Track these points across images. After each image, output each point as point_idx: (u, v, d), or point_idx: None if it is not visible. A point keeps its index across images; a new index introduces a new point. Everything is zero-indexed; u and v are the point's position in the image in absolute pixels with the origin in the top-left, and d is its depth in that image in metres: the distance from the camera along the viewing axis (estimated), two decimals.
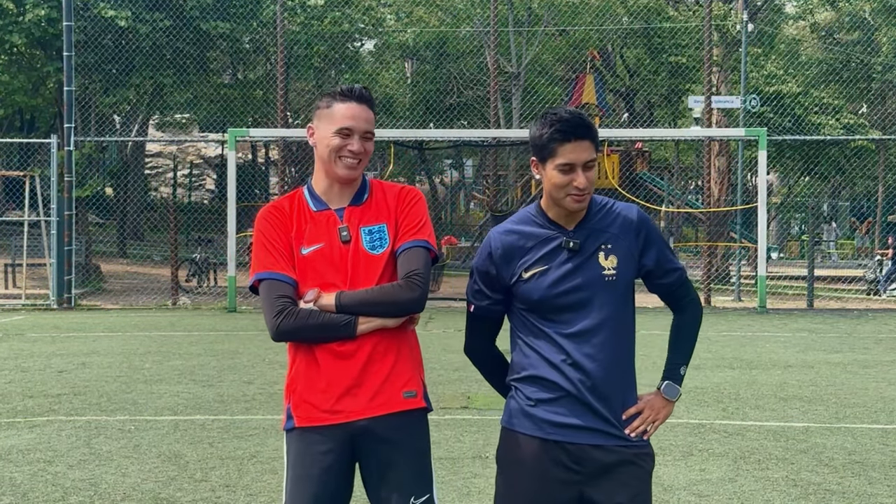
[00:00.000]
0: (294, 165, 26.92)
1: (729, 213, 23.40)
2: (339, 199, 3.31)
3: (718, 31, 24.06)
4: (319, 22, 26.02)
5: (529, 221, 3.17)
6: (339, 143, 3.23)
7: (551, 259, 3.10)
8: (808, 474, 6.51)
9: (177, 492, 6.05)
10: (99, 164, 29.00)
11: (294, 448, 3.25)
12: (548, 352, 3.09)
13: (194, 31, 22.91)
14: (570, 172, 3.02)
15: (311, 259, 3.24)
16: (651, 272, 3.18)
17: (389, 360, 3.25)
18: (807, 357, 12.14)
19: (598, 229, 3.12)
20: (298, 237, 3.26)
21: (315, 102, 3.34)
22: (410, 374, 3.30)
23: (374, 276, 3.24)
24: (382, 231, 3.29)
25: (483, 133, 22.66)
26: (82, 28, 21.59)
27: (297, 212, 3.31)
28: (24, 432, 7.73)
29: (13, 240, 21.58)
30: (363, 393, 3.21)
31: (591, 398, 3.04)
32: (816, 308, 19.16)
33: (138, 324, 15.93)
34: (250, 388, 9.70)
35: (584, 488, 3.06)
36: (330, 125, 3.24)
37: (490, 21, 22.04)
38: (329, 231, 3.26)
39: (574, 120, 3.04)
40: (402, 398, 3.26)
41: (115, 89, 23.53)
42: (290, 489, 3.24)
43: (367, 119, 3.26)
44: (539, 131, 3.06)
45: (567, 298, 3.07)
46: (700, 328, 3.31)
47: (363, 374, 3.21)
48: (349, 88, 3.27)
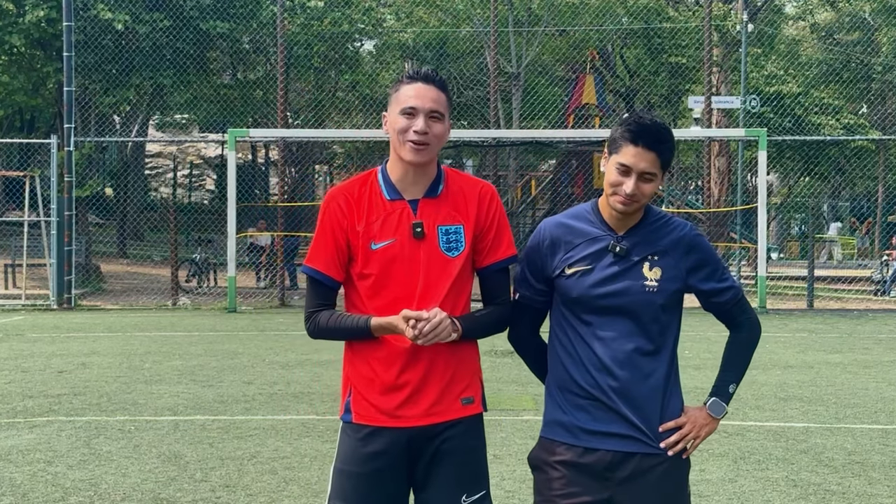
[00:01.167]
0: (294, 166, 26.93)
1: (729, 214, 23.41)
2: (413, 189, 3.16)
3: (718, 32, 24.07)
4: (319, 22, 26.01)
5: (583, 218, 3.17)
6: (405, 124, 3.09)
7: (596, 260, 3.09)
8: (807, 475, 6.51)
9: (177, 492, 6.04)
10: (99, 164, 29.01)
11: (347, 442, 3.19)
12: (581, 353, 3.09)
13: (194, 31, 22.91)
14: (625, 175, 3.02)
15: (381, 254, 3.13)
16: (703, 292, 3.16)
17: (451, 366, 3.19)
18: (807, 357, 12.14)
19: (648, 240, 3.11)
20: (368, 231, 3.14)
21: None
22: (470, 380, 3.23)
23: (447, 278, 3.15)
24: (459, 233, 3.17)
25: (483, 133, 22.64)
26: (82, 28, 21.59)
27: (368, 199, 3.17)
28: (24, 432, 7.73)
29: (13, 240, 21.58)
30: (423, 399, 3.15)
31: (621, 404, 3.04)
32: (816, 308, 19.16)
33: (138, 324, 15.93)
34: (250, 388, 9.70)
35: (616, 494, 3.06)
36: (396, 106, 3.12)
37: (490, 21, 22.05)
38: (401, 225, 3.13)
39: (651, 128, 3.03)
40: (460, 405, 3.20)
41: (114, 89, 23.53)
42: (336, 482, 3.19)
43: (434, 99, 3.10)
44: (618, 125, 3.10)
45: (605, 301, 3.06)
46: (756, 347, 3.26)
47: (425, 380, 3.14)
48: (415, 71, 3.17)
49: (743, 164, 21.96)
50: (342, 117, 28.97)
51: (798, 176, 34.07)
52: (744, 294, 3.26)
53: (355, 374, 3.20)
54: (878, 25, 31.04)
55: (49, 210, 19.24)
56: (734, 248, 22.75)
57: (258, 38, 25.61)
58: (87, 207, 25.17)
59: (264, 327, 15.60)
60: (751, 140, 20.52)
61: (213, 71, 27.02)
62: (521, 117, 26.63)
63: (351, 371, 3.22)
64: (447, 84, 3.21)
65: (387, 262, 3.12)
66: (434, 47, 31.21)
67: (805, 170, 30.87)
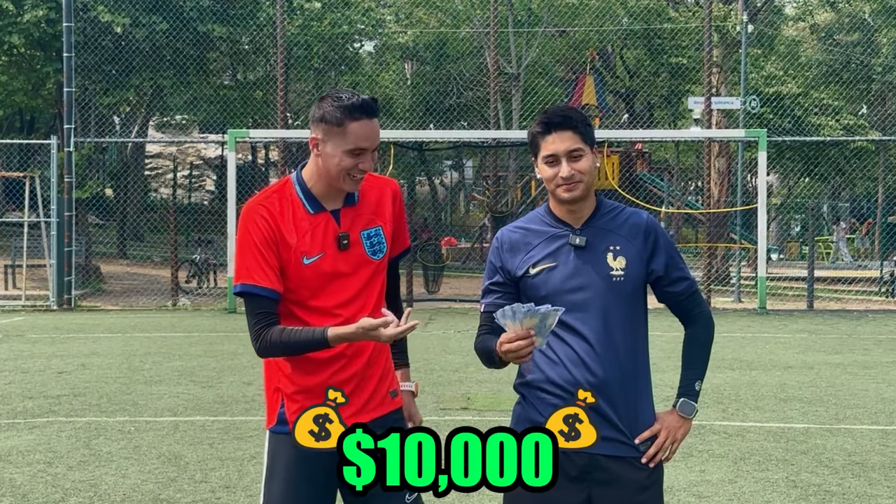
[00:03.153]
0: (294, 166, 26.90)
1: (729, 214, 23.40)
2: (333, 199, 3.18)
3: (718, 32, 24.05)
4: (318, 23, 26.02)
5: (537, 220, 3.19)
6: (351, 163, 3.08)
7: (558, 256, 3.10)
8: (808, 475, 6.51)
9: (177, 493, 6.04)
10: (99, 165, 29.01)
11: (285, 451, 3.15)
12: (558, 350, 3.07)
13: (193, 32, 22.92)
14: (555, 164, 3.06)
15: (314, 268, 3.13)
16: (660, 278, 3.16)
17: (381, 362, 3.22)
18: (807, 358, 12.13)
19: (606, 229, 3.12)
20: (300, 245, 3.12)
21: (317, 107, 3.11)
22: (392, 374, 3.29)
23: (378, 280, 3.21)
24: (380, 234, 3.23)
25: (483, 134, 22.65)
26: (81, 29, 21.58)
27: (291, 213, 3.15)
28: (23, 433, 7.73)
29: (13, 241, 21.57)
30: (360, 396, 3.15)
31: (599, 400, 3.01)
32: (816, 309, 19.15)
33: (138, 325, 15.92)
34: (250, 388, 9.70)
35: (593, 492, 3.05)
36: (342, 143, 3.06)
37: (490, 22, 22.04)
38: (327, 237, 3.15)
39: (554, 113, 3.09)
40: (390, 399, 3.25)
41: (114, 90, 23.51)
42: (275, 493, 3.18)
43: (377, 133, 3.12)
44: (529, 131, 3.14)
45: (575, 296, 3.06)
46: (713, 342, 3.27)
47: (363, 377, 3.16)
48: (360, 103, 3.06)
49: (743, 165, 21.96)
50: None
51: (798, 177, 34.09)
52: (699, 289, 3.28)
53: (287, 383, 3.17)
54: (878, 26, 31.04)
55: (49, 211, 19.24)
56: (734, 248, 22.75)
57: (258, 39, 25.60)
58: (87, 208, 25.15)
59: None
60: (751, 141, 20.51)
61: (212, 72, 27.01)
62: (520, 118, 26.63)
63: (282, 380, 3.18)
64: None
65: (319, 275, 3.13)
66: (434, 48, 31.22)
67: (805, 170, 30.89)
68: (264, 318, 3.09)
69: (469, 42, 29.05)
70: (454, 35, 29.80)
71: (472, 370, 10.27)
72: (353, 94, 3.10)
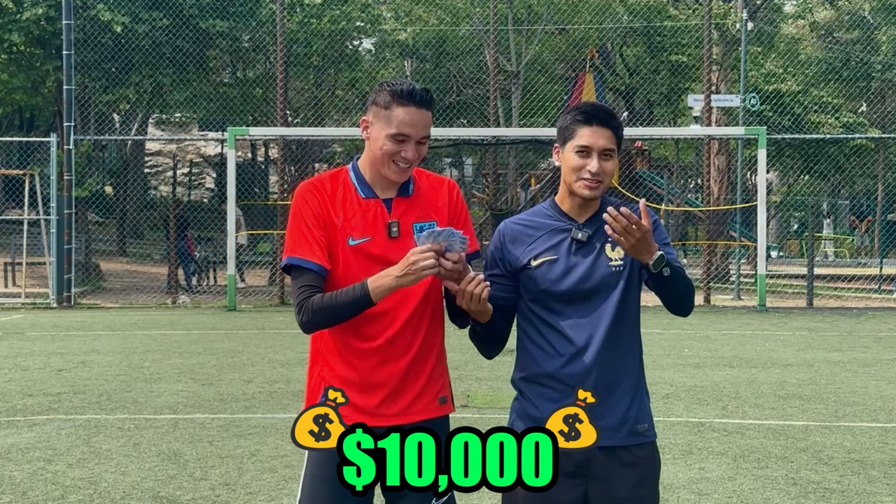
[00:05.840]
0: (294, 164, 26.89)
1: (728, 212, 23.41)
2: (386, 188, 3.17)
3: (718, 30, 24.05)
4: (318, 20, 25.99)
5: (541, 214, 3.20)
6: (393, 149, 3.08)
7: (560, 249, 3.11)
8: (807, 473, 6.51)
9: (176, 490, 6.05)
10: (98, 162, 29.01)
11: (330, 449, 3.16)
12: (555, 343, 3.08)
13: (193, 29, 22.91)
14: (586, 157, 3.06)
15: (359, 250, 3.11)
16: None
17: (430, 363, 3.20)
18: (806, 355, 12.14)
19: (605, 223, 3.12)
20: (346, 225, 3.12)
21: (372, 92, 3.16)
22: (444, 380, 3.26)
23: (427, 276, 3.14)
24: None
25: (483, 132, 22.67)
26: (81, 27, 21.57)
27: (342, 196, 3.16)
28: (23, 431, 7.73)
29: (13, 238, 21.57)
30: (403, 398, 3.14)
31: (598, 391, 3.00)
32: (816, 306, 19.16)
33: (138, 322, 15.93)
34: (250, 386, 9.70)
35: (590, 488, 3.06)
36: (386, 127, 3.08)
37: (489, 19, 22.05)
38: (377, 223, 3.14)
39: (598, 107, 3.11)
40: (437, 405, 3.21)
41: (114, 88, 23.52)
42: (307, 489, 3.15)
43: (425, 124, 3.10)
44: (564, 117, 3.13)
45: (576, 288, 3.07)
46: (690, 299, 3.18)
47: (406, 377, 3.14)
48: (410, 89, 3.08)
49: (742, 163, 21.95)
50: (342, 115, 28.94)
51: (797, 174, 34.07)
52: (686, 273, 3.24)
53: (331, 373, 3.16)
54: (878, 24, 31.04)
55: (49, 208, 19.24)
56: (734, 246, 22.75)
57: (257, 37, 25.60)
58: (87, 206, 25.17)
59: (264, 325, 15.60)
60: (750, 138, 20.52)
61: (212, 69, 27.00)
62: (520, 115, 26.64)
63: (325, 370, 3.18)
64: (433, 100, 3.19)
65: (363, 258, 3.12)
66: (433, 45, 31.21)
67: (804, 168, 30.86)
68: (309, 290, 3.07)
69: (469, 40, 29.03)
70: (454, 33, 29.79)
71: (471, 367, 10.26)
72: (409, 83, 3.11)
